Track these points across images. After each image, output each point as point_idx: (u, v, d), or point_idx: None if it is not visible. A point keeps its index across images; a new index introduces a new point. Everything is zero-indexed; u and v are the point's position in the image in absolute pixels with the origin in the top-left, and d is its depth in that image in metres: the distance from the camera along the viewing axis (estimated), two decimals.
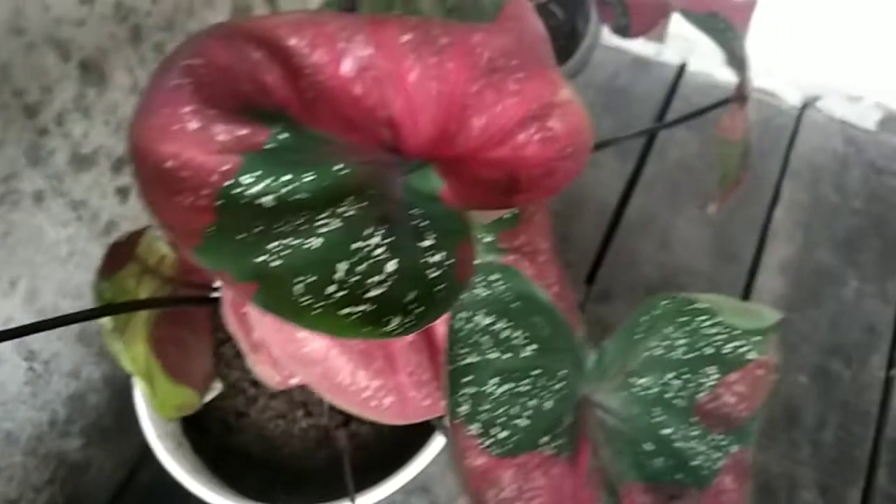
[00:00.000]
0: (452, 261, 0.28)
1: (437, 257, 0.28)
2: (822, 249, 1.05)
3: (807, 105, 1.17)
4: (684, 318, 0.31)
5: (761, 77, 1.17)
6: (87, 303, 0.69)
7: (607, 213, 1.07)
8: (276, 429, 0.73)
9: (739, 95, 0.51)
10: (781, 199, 1.09)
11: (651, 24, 0.65)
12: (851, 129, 1.16)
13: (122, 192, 0.68)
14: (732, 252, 1.03)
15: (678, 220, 1.06)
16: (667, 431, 0.31)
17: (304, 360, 0.40)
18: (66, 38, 0.55)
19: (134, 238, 0.45)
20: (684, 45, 1.19)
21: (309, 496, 0.67)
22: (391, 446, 0.70)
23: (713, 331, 0.31)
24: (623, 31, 0.64)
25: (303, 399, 0.72)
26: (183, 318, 0.56)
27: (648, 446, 0.31)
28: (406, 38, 0.35)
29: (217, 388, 0.57)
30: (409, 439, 0.67)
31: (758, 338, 0.31)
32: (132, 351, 0.43)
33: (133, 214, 0.70)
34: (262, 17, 0.37)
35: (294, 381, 0.47)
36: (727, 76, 1.17)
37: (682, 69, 1.20)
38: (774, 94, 1.17)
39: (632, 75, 1.20)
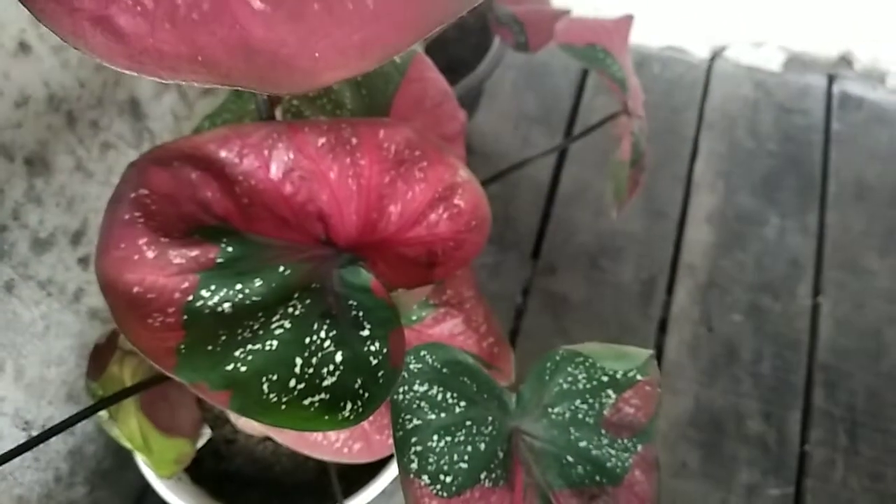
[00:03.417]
0: (386, 350, 0.34)
1: (374, 346, 0.34)
2: (743, 194, 1.13)
3: (715, 56, 1.24)
4: (580, 359, 0.38)
5: (670, 35, 1.23)
6: (70, 367, 0.74)
7: (543, 189, 1.13)
8: (265, 450, 0.79)
9: (626, 111, 0.57)
10: (700, 152, 1.16)
11: (547, 38, 0.70)
12: (759, 73, 1.23)
13: (84, 261, 0.72)
14: (660, 209, 1.11)
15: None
16: (583, 444, 0.38)
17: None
18: (7, 141, 0.59)
19: (112, 336, 0.50)
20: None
21: None
22: None
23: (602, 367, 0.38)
24: (522, 47, 0.70)
25: None
26: (165, 376, 0.62)
27: (570, 458, 0.38)
28: (321, 140, 0.41)
29: (206, 433, 0.63)
30: None
31: (639, 365, 0.38)
32: (126, 429, 0.49)
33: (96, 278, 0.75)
34: (192, 136, 0.42)
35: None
36: (635, 39, 1.23)
37: None
38: (684, 49, 1.24)
39: (549, 50, 1.26)
